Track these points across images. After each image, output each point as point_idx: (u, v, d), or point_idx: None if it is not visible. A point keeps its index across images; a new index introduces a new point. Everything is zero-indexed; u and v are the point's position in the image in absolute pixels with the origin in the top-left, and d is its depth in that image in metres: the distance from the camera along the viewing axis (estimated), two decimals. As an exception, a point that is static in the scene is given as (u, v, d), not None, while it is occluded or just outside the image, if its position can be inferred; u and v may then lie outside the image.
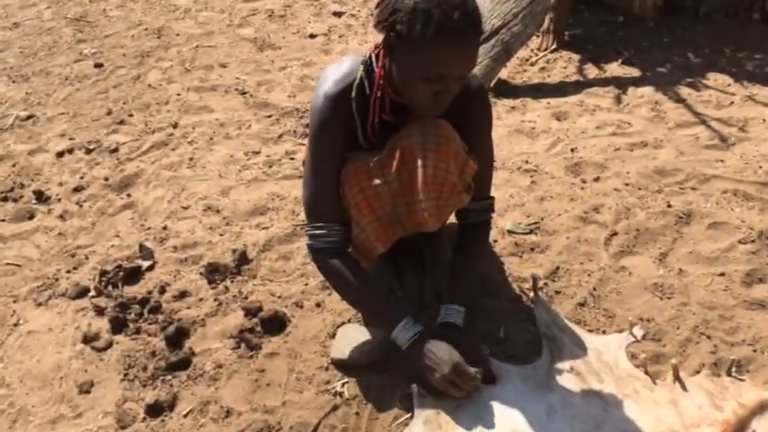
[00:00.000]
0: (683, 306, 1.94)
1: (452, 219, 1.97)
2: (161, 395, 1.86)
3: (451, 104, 1.69)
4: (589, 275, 2.08)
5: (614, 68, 3.34)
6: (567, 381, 1.74)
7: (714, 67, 3.25)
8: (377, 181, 1.74)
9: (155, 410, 1.82)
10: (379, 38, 1.65)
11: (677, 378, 1.70)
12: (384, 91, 1.71)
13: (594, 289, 2.03)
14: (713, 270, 2.04)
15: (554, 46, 3.53)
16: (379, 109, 1.74)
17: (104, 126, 3.29)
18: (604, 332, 1.90)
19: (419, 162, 1.71)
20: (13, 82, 3.91)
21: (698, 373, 1.74)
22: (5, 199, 2.83)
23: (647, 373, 1.74)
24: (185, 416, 1.80)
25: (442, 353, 1.66)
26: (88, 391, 1.91)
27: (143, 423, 1.79)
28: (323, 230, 1.78)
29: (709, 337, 1.83)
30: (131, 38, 4.29)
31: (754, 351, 1.78)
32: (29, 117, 3.47)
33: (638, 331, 1.87)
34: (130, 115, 3.36)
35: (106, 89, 3.67)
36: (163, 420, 1.80)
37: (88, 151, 3.09)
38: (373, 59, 1.73)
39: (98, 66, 3.94)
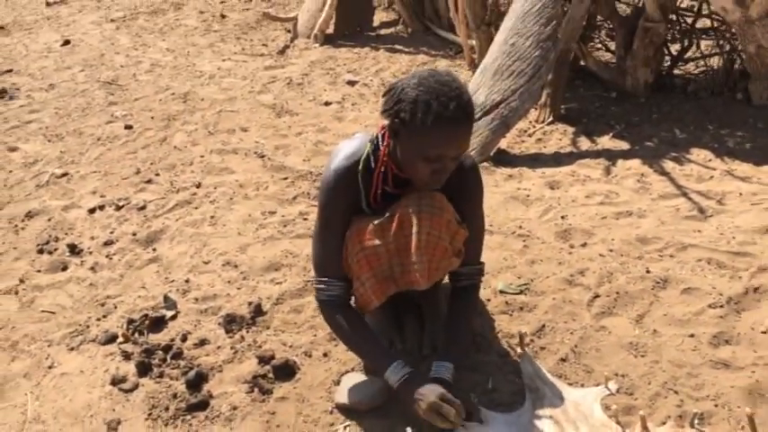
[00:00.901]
0: (654, 363, 2.13)
1: (447, 280, 2.20)
2: (181, 433, 2.06)
3: (448, 180, 1.94)
4: (572, 333, 2.28)
5: (605, 141, 3.60)
6: (547, 427, 1.93)
7: (698, 142, 3.50)
8: (376, 242, 1.98)
9: (176, 447, 2.03)
10: (386, 121, 1.92)
11: (645, 428, 1.89)
12: (387, 167, 1.98)
13: (576, 346, 2.23)
14: (684, 331, 2.25)
15: (550, 119, 3.80)
16: (382, 182, 2.00)
17: (133, 185, 3.57)
18: (583, 385, 2.09)
19: (414, 229, 1.95)
20: (49, 141, 4.22)
21: (664, 424, 1.93)
22: (41, 251, 3.08)
23: (618, 423, 1.93)
24: (203, 452, 2.00)
25: (427, 387, 1.88)
26: (115, 429, 2.10)
27: (165, 458, 2.00)
28: (326, 285, 2.03)
29: (676, 393, 2.03)
30: (159, 102, 4.62)
31: (716, 406, 1.96)
32: (63, 174, 3.75)
33: (612, 385, 2.07)
34: (157, 175, 3.64)
35: (135, 150, 3.97)
36: (183, 456, 2.00)
37: (118, 208, 3.35)
38: (379, 139, 1.99)
39: (128, 127, 4.25)
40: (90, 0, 7.53)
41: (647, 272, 2.53)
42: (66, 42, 6.09)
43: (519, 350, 2.21)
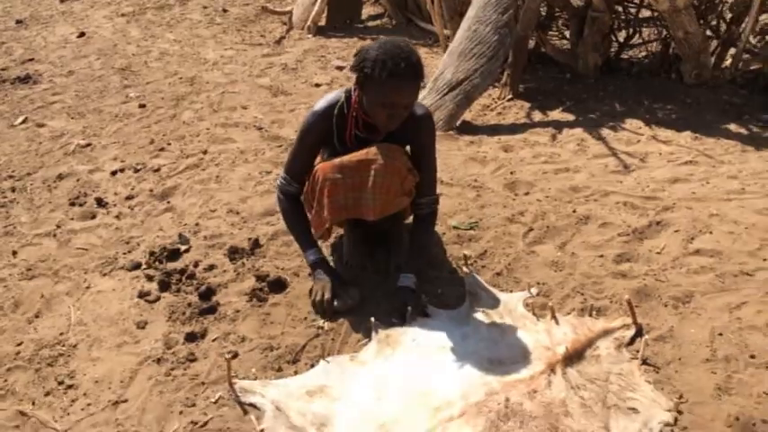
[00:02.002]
0: (569, 275, 2.70)
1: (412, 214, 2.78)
2: (195, 329, 2.62)
3: (405, 127, 2.51)
4: (507, 256, 2.85)
5: (555, 114, 4.17)
6: (479, 318, 2.50)
7: (633, 114, 4.07)
8: (338, 176, 2.54)
9: (191, 338, 2.58)
10: (354, 75, 2.49)
11: (553, 316, 2.46)
12: (357, 113, 2.54)
13: (509, 264, 2.80)
14: (596, 253, 2.81)
15: (510, 96, 4.37)
16: (354, 125, 2.57)
17: (148, 152, 4.13)
18: (511, 291, 2.66)
19: (372, 173, 2.50)
20: (72, 118, 4.78)
21: (568, 314, 2.50)
22: (73, 204, 3.64)
23: (534, 314, 2.50)
24: (213, 341, 2.55)
25: (324, 277, 2.59)
26: (143, 327, 2.67)
27: (183, 345, 2.55)
28: (287, 182, 2.67)
29: (582, 294, 2.60)
30: (169, 84, 5.18)
31: (611, 302, 2.53)
32: (87, 145, 4.32)
33: (533, 290, 2.64)
34: (169, 144, 4.20)
35: (149, 125, 4.53)
36: (197, 344, 2.55)
37: (136, 170, 3.92)
38: (352, 91, 2.56)
39: (141, 106, 4.81)
40: (100, -4, 8.09)
41: (574, 212, 3.10)
42: (82, 34, 6.64)
43: (464, 268, 2.78)
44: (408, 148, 2.66)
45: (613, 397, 2.14)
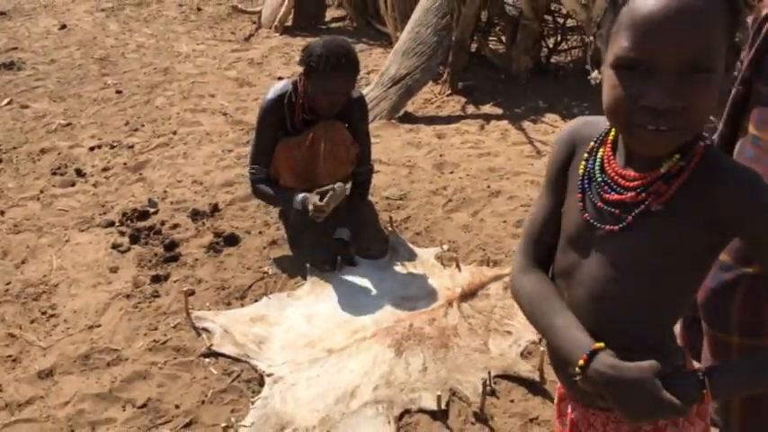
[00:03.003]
0: (475, 236, 3.24)
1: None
2: (160, 273, 3.10)
3: (343, 108, 3.03)
4: (427, 220, 3.38)
5: (487, 108, 4.73)
6: (397, 268, 3.03)
7: (553, 110, 4.64)
8: (296, 153, 3.07)
9: (156, 279, 3.06)
10: (302, 68, 3.01)
11: (457, 265, 2.99)
12: (303, 99, 3.06)
13: (428, 227, 3.33)
14: (501, 219, 3.35)
15: (449, 92, 4.91)
16: (301, 110, 3.08)
17: (123, 132, 4.61)
18: (427, 247, 3.19)
19: (322, 146, 3.04)
20: (54, 101, 5.23)
21: (470, 264, 3.03)
22: (55, 174, 4.10)
23: (442, 264, 3.03)
24: (175, 282, 3.04)
25: (313, 197, 2.90)
26: (115, 272, 3.15)
27: (149, 285, 3.03)
28: (256, 170, 3.13)
29: (484, 250, 3.13)
30: (144, 74, 5.66)
31: (506, 257, 3.08)
32: (68, 124, 4.77)
33: (444, 247, 3.17)
34: (142, 126, 4.68)
35: (124, 108, 5.00)
36: (161, 284, 3.04)
37: (112, 147, 4.39)
38: (298, 81, 3.08)
39: (118, 92, 5.28)
40: (81, -9, 8.52)
41: (488, 187, 3.64)
42: (63, 27, 7.08)
43: (390, 228, 3.31)
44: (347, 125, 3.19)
45: (495, 323, 2.68)
